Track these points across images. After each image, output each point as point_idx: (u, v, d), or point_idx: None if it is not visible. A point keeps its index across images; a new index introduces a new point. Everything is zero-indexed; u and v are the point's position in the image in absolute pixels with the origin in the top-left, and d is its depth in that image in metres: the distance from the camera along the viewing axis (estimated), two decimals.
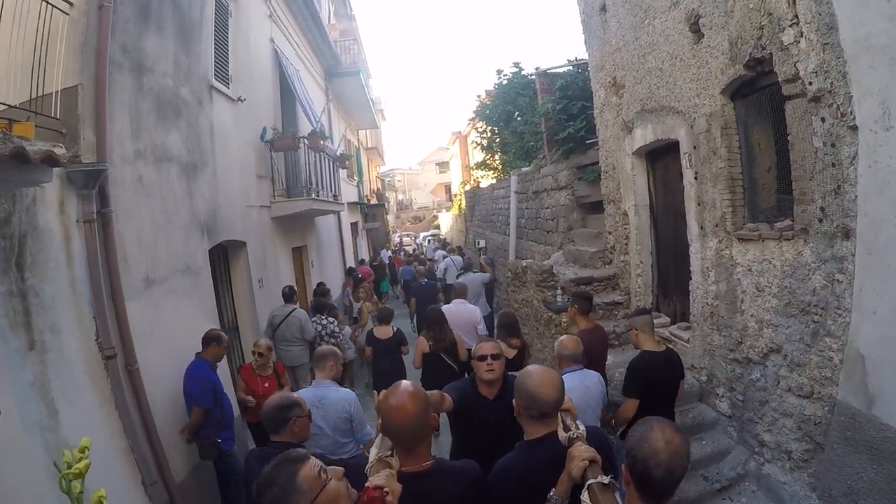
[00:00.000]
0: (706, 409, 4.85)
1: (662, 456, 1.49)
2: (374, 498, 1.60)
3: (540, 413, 2.01)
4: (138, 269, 3.89)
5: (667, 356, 3.65)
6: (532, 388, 2.01)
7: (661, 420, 1.62)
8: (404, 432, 1.88)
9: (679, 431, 1.58)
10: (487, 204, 15.39)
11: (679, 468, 1.50)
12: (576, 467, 1.73)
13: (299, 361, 6.30)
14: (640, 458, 1.52)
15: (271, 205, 7.41)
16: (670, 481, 1.50)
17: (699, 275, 4.85)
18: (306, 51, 10.66)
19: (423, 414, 1.89)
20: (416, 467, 1.90)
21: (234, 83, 6.24)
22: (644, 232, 5.93)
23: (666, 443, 1.51)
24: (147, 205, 4.09)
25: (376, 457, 1.93)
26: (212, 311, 5.05)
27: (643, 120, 5.55)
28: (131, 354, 3.63)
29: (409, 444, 1.90)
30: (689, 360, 5.06)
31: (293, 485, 1.48)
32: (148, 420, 3.70)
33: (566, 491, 1.79)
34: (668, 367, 3.58)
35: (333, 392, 3.59)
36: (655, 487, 1.52)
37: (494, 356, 2.90)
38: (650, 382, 3.47)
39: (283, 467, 1.52)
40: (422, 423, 1.89)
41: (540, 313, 6.19)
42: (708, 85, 4.40)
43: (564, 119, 8.40)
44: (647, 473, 1.50)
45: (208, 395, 4.09)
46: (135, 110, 4.06)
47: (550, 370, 2.14)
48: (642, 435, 1.56)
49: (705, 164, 4.58)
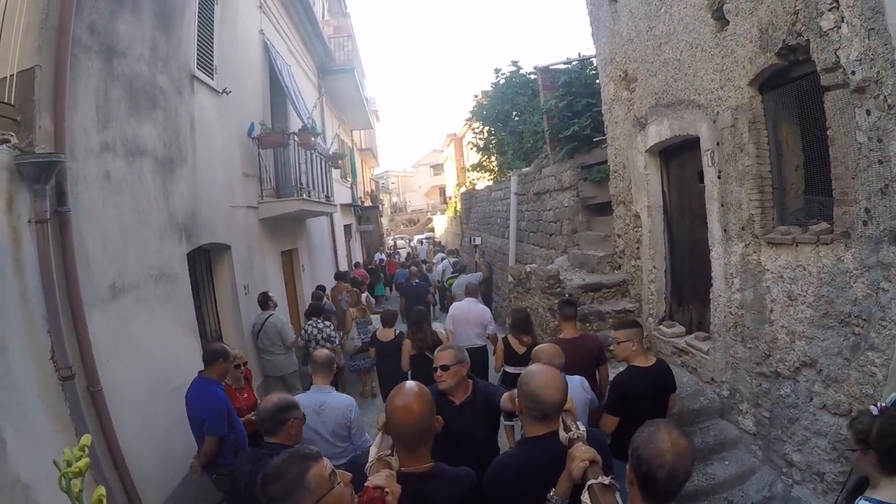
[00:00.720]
0: (728, 427, 4.54)
1: (667, 458, 1.50)
2: (374, 498, 1.59)
3: (542, 414, 2.00)
4: (103, 276, 3.46)
5: (655, 370, 3.50)
6: (535, 390, 2.00)
7: (668, 422, 1.65)
8: (409, 432, 1.89)
9: (685, 435, 1.59)
10: (484, 206, 15.07)
11: (683, 471, 1.51)
12: (576, 467, 1.73)
13: (287, 370, 6.03)
14: (644, 458, 1.54)
15: (259, 205, 6.98)
16: (674, 483, 1.51)
17: (722, 282, 4.50)
18: (298, 45, 10.25)
19: (428, 415, 1.90)
20: (416, 468, 1.90)
21: (219, 74, 5.82)
22: (657, 235, 5.56)
23: (672, 444, 1.52)
24: (115, 203, 3.66)
25: (376, 456, 1.93)
26: (190, 322, 4.61)
27: (658, 115, 5.19)
28: (93, 374, 3.21)
29: (411, 444, 1.91)
30: (708, 374, 4.79)
31: (301, 481, 1.45)
32: (114, 449, 3.29)
33: (566, 491, 1.79)
34: (655, 381, 3.46)
35: (334, 398, 3.51)
36: (659, 489, 1.52)
37: (443, 367, 2.86)
38: (633, 399, 3.35)
39: (293, 462, 1.49)
40: (426, 423, 1.90)
41: (546, 322, 5.80)
42: (733, 76, 4.07)
43: (568, 116, 8.04)
44: (652, 474, 1.51)
45: (223, 421, 3.60)
46: (103, 97, 3.64)
47: (554, 371, 2.14)
48: (648, 436, 1.57)
49: (730, 162, 4.24)
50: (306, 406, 3.22)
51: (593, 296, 5.92)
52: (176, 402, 4.14)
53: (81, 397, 3.11)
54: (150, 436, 3.73)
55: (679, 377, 5.03)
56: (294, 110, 8.08)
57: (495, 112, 14.22)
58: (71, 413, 3.00)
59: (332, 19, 14.60)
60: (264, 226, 7.19)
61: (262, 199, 7.04)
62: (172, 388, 4.13)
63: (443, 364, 2.88)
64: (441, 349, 3.04)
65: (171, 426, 4.02)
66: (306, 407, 3.22)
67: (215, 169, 5.58)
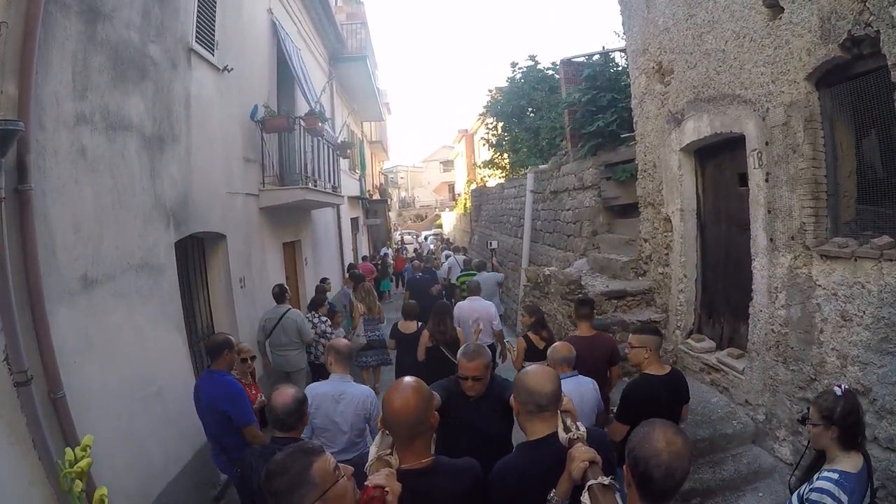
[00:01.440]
0: (762, 454, 4.14)
1: (663, 457, 1.50)
2: (374, 497, 1.58)
3: (537, 406, 2.02)
4: (73, 265, 3.05)
5: (669, 380, 3.39)
6: (529, 383, 2.04)
7: (664, 421, 1.63)
8: (403, 426, 1.88)
9: (681, 434, 1.60)
10: (496, 204, 14.65)
11: (680, 470, 1.51)
12: (576, 468, 1.73)
13: (297, 366, 5.79)
14: (641, 458, 1.54)
15: (260, 193, 6.56)
16: (671, 483, 1.51)
17: (764, 295, 4.08)
18: (309, 29, 9.82)
19: (423, 409, 1.89)
20: (416, 464, 1.88)
21: (221, 51, 5.40)
22: (690, 241, 5.11)
23: (667, 444, 1.52)
24: (91, 182, 3.24)
25: (376, 455, 1.90)
26: (176, 318, 4.19)
27: (697, 110, 4.74)
28: (55, 378, 2.79)
29: (407, 439, 1.90)
30: (742, 395, 4.39)
31: (306, 476, 1.44)
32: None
33: (566, 492, 1.79)
34: (668, 391, 3.34)
35: (354, 387, 3.47)
36: (656, 488, 1.52)
37: (476, 378, 2.80)
38: (644, 407, 3.11)
39: (297, 457, 1.49)
40: (421, 418, 1.88)
41: (565, 329, 5.38)
42: (788, 69, 3.64)
43: (592, 111, 7.57)
44: (648, 474, 1.51)
45: (250, 407, 3.50)
46: (82, 64, 3.22)
47: (547, 367, 2.21)
48: (644, 436, 1.57)
49: (780, 164, 3.82)
50: (326, 394, 3.33)
51: (616, 304, 5.49)
52: (155, 407, 3.77)
53: (40, 404, 2.70)
54: (124, 445, 3.32)
55: (707, 397, 4.64)
56: (302, 94, 7.66)
57: (510, 107, 13.77)
58: (28, 422, 2.60)
59: (345, 6, 14.19)
60: (265, 215, 6.79)
61: (263, 187, 6.63)
62: (153, 392, 3.75)
63: (475, 376, 2.81)
64: (467, 356, 2.87)
65: (150, 433, 3.63)
66: (326, 395, 3.33)
67: (212, 151, 5.16)
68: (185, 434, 4.04)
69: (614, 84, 7.83)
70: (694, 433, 4.12)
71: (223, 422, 3.35)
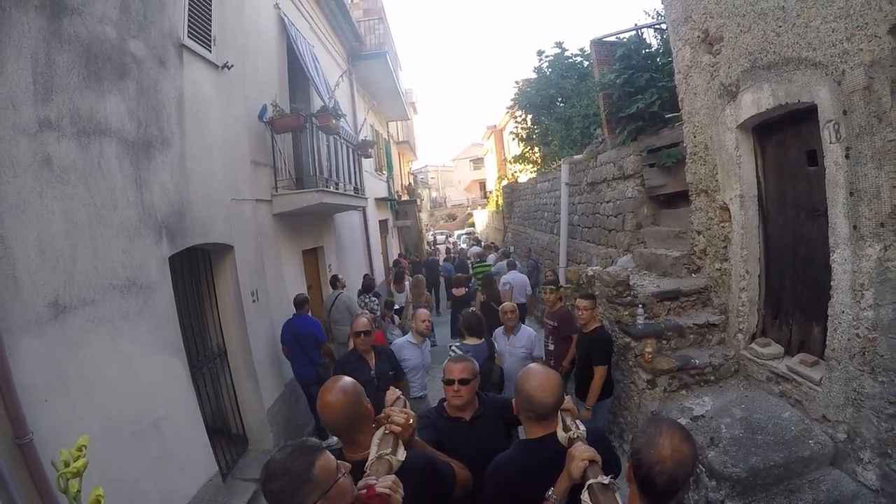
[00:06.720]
0: (843, 479, 3.49)
1: (667, 464, 1.49)
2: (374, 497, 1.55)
3: (536, 416, 2.02)
4: (39, 291, 2.67)
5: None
6: (530, 392, 2.01)
7: (671, 423, 1.62)
8: (337, 423, 1.92)
9: (687, 439, 1.57)
10: (529, 199, 14.03)
11: (683, 475, 1.51)
12: (576, 467, 1.73)
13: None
14: (645, 462, 1.53)
15: (273, 199, 6.17)
16: (673, 487, 1.51)
17: (847, 294, 3.40)
18: (323, 25, 9.43)
19: (352, 402, 1.91)
20: (361, 455, 1.88)
21: (219, 47, 5.01)
22: (751, 232, 4.44)
23: (673, 451, 1.51)
24: (59, 196, 2.85)
25: (376, 455, 1.83)
26: (174, 340, 3.78)
27: (755, 80, 4.07)
28: (19, 421, 2.42)
29: (346, 434, 1.97)
30: (818, 410, 3.72)
31: (308, 475, 1.41)
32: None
33: (565, 490, 1.79)
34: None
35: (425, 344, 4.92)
36: (657, 492, 1.52)
37: (462, 381, 2.68)
38: None
39: (299, 456, 1.44)
40: (355, 410, 1.92)
41: (613, 338, 4.78)
42: (866, 22, 2.99)
43: (629, 93, 6.89)
44: (651, 479, 1.51)
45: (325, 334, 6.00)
46: (44, 63, 2.85)
47: (551, 372, 2.11)
48: (650, 439, 1.56)
49: (863, 136, 3.15)
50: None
51: (669, 306, 4.83)
52: (150, 443, 3.36)
53: (4, 453, 2.34)
54: (110, 491, 2.93)
55: (778, 412, 3.99)
56: (316, 93, 7.25)
57: (539, 98, 13.13)
58: None
59: (361, 2, 13.79)
60: (280, 222, 6.40)
61: (276, 192, 6.24)
62: (146, 426, 3.35)
63: (461, 378, 2.67)
64: (453, 361, 2.79)
65: (144, 474, 3.24)
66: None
67: (213, 156, 4.77)
68: (188, 469, 3.65)
69: (650, 62, 7.14)
70: (767, 458, 3.52)
71: (313, 341, 5.72)
